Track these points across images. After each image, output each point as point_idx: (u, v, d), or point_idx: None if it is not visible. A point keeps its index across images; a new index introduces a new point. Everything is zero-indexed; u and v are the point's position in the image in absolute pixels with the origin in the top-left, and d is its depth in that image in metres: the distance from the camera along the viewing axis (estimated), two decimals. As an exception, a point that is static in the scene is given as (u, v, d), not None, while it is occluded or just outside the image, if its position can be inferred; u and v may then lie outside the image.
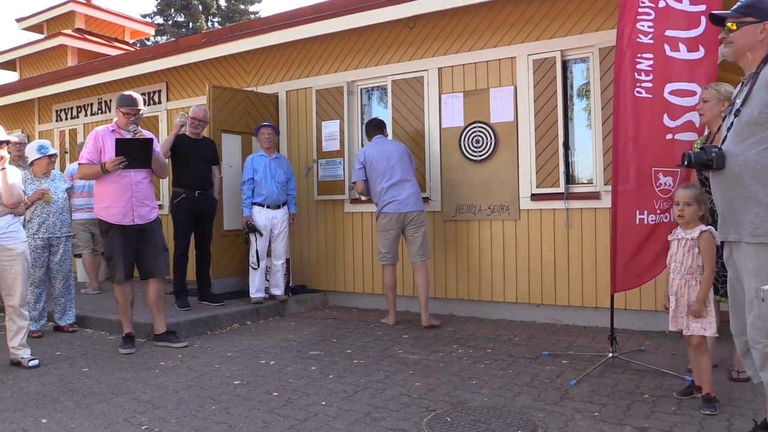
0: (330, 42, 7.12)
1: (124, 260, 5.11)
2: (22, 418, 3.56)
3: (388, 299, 5.99)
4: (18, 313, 4.71)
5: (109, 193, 5.06)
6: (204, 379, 4.26)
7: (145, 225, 5.15)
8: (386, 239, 5.87)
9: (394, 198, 5.79)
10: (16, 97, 10.59)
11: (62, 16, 14.10)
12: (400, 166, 5.82)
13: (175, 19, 30.22)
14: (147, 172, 5.19)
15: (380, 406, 3.59)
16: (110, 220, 5.07)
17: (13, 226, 4.62)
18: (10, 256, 4.57)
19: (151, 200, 5.24)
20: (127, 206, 5.05)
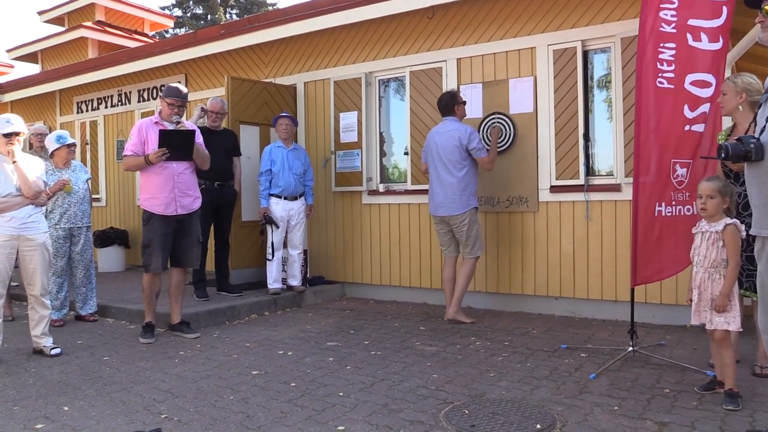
0: (348, 33, 7.09)
1: (162, 250, 5.16)
2: (44, 405, 3.61)
3: (445, 293, 5.77)
4: (39, 302, 4.74)
5: (153, 184, 5.12)
6: (222, 368, 4.29)
7: (186, 216, 5.22)
8: (437, 233, 5.80)
9: (431, 197, 5.70)
10: (38, 89, 10.70)
11: (83, 9, 14.22)
12: (446, 160, 5.51)
13: (194, 11, 30.34)
14: (189, 163, 5.22)
15: (398, 398, 3.59)
16: (154, 210, 5.13)
17: (33, 217, 4.64)
18: (30, 246, 4.60)
19: (194, 190, 5.30)
20: (170, 196, 5.11)
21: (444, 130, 5.59)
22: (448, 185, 5.52)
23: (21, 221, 4.56)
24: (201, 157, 5.26)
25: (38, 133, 7.25)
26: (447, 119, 5.65)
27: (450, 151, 5.49)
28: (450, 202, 5.52)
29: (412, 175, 6.67)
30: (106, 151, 9.98)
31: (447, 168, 5.52)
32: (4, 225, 4.52)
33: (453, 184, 5.51)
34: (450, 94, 5.68)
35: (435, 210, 5.65)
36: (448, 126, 5.60)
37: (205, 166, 5.36)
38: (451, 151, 5.48)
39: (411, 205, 6.71)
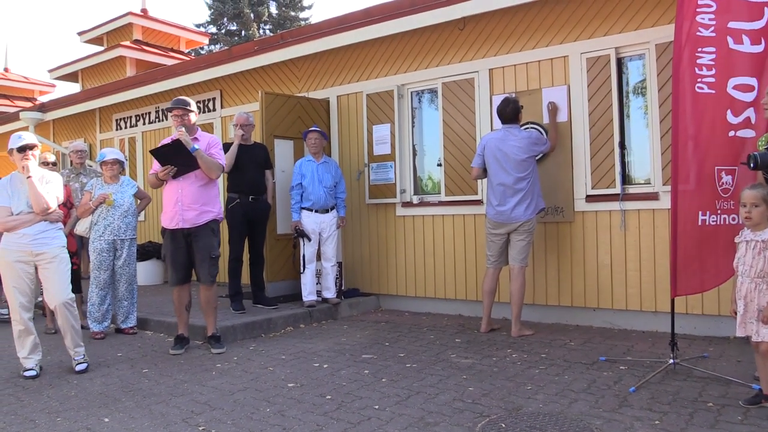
0: (380, 46, 7.14)
1: (173, 264, 5.23)
2: (86, 416, 3.69)
3: (483, 304, 5.72)
4: (62, 311, 4.66)
5: (165, 198, 5.24)
6: (259, 381, 4.32)
7: (192, 230, 5.16)
8: (489, 242, 5.68)
9: (493, 204, 5.54)
10: (78, 108, 11.00)
11: (121, 29, 14.62)
12: (514, 168, 5.42)
13: (228, 28, 30.90)
14: (195, 175, 5.14)
15: (434, 411, 3.56)
16: (163, 224, 5.25)
17: (47, 233, 4.63)
18: (44, 259, 4.61)
19: (202, 204, 5.17)
20: (173, 210, 5.14)
21: (511, 137, 5.48)
22: (519, 192, 5.44)
23: (32, 237, 4.56)
24: (205, 165, 5.10)
25: (78, 150, 7.46)
26: (511, 127, 5.56)
27: (521, 158, 5.42)
28: (521, 209, 5.45)
29: (446, 187, 6.65)
30: (144, 167, 10.19)
31: (517, 175, 5.42)
32: (17, 241, 4.56)
33: (523, 192, 5.44)
34: (514, 103, 5.58)
35: (499, 216, 5.50)
36: (516, 133, 5.52)
37: (212, 174, 5.17)
38: (521, 158, 5.42)
39: (445, 216, 6.69)
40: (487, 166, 5.59)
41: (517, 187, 5.44)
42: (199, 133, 5.31)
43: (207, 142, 5.26)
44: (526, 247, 5.52)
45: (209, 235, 5.22)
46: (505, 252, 5.62)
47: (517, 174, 5.43)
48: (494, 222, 5.58)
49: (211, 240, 5.24)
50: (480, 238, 6.31)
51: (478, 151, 5.68)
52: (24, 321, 4.61)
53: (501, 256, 5.63)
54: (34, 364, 4.67)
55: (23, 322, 4.61)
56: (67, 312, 4.67)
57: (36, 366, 4.68)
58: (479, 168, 5.67)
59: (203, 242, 5.18)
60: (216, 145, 5.33)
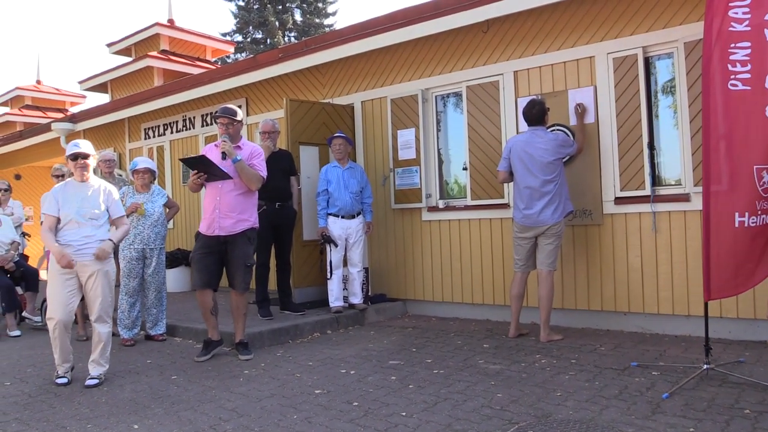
0: (403, 50, 7.13)
1: (201, 267, 5.25)
2: (116, 423, 3.72)
3: (512, 309, 5.64)
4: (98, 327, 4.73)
5: (205, 204, 5.31)
6: (286, 387, 4.32)
7: (228, 238, 5.19)
8: (516, 246, 5.59)
9: (520, 207, 5.47)
10: (108, 118, 11.19)
11: (148, 39, 14.87)
12: (541, 170, 5.34)
13: (254, 36, 31.19)
14: (234, 184, 5.16)
15: (461, 418, 3.52)
16: (200, 229, 5.29)
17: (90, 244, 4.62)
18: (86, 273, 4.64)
19: (239, 213, 5.18)
20: (211, 217, 5.18)
21: (537, 139, 5.41)
22: (546, 195, 5.36)
23: (77, 248, 4.58)
24: (246, 177, 5.14)
25: (106, 159, 7.57)
26: (538, 129, 5.49)
27: (547, 161, 5.34)
28: (550, 213, 5.37)
29: (472, 191, 6.60)
30: (172, 175, 10.32)
31: (544, 177, 5.35)
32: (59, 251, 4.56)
33: (551, 194, 5.37)
34: (540, 105, 5.52)
35: (527, 219, 5.42)
36: (542, 135, 5.44)
37: (251, 185, 5.22)
38: (548, 160, 5.35)
39: (471, 220, 6.64)
40: (514, 169, 5.52)
41: (545, 190, 5.36)
42: (242, 141, 5.32)
43: (249, 152, 5.24)
44: (554, 251, 5.45)
45: (245, 244, 5.24)
46: (533, 256, 5.55)
47: (544, 177, 5.36)
48: (521, 226, 5.50)
49: (247, 248, 5.27)
50: (507, 242, 6.25)
51: (504, 155, 5.61)
52: (58, 329, 4.58)
53: (529, 260, 5.56)
54: (65, 371, 4.71)
55: (57, 330, 4.58)
56: (100, 326, 4.71)
57: (68, 373, 4.72)
58: (506, 171, 5.60)
59: (239, 250, 5.20)
60: (258, 155, 5.31)
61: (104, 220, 4.77)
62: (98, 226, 4.70)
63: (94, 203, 4.69)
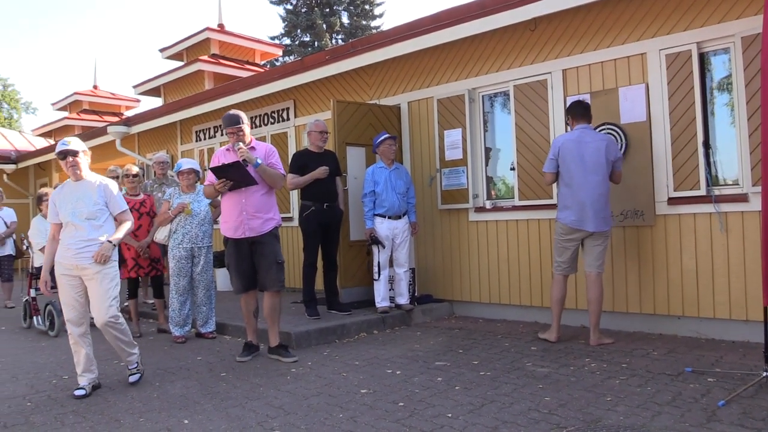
0: (450, 50, 7.10)
1: (238, 272, 5.26)
2: (167, 418, 3.82)
3: (553, 312, 5.49)
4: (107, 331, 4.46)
5: (225, 208, 5.28)
6: (332, 386, 4.35)
7: (257, 238, 5.17)
8: (562, 249, 5.42)
9: (571, 208, 5.28)
10: (161, 121, 11.48)
11: (199, 44, 15.22)
12: (595, 172, 5.21)
13: (301, 39, 31.55)
14: (260, 185, 5.17)
15: (508, 421, 3.48)
16: (227, 234, 5.26)
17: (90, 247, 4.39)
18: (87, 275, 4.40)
19: (266, 212, 5.19)
20: (238, 220, 5.15)
21: (591, 139, 5.30)
22: (600, 197, 5.24)
23: (75, 251, 4.35)
24: (271, 178, 5.17)
25: (160, 161, 7.80)
26: (585, 127, 5.38)
27: (600, 161, 5.22)
28: (603, 216, 5.26)
29: (520, 191, 6.52)
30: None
31: (599, 179, 5.23)
32: (62, 254, 4.40)
33: (605, 196, 5.27)
34: (586, 103, 5.45)
35: (585, 224, 5.25)
36: (592, 134, 5.35)
37: (277, 186, 5.26)
38: (601, 160, 5.22)
39: (519, 221, 6.55)
40: (563, 169, 5.36)
41: (599, 192, 5.23)
42: (254, 143, 5.31)
43: (264, 152, 5.25)
44: (603, 253, 5.33)
45: (274, 242, 5.26)
46: (577, 258, 5.44)
47: (599, 177, 5.23)
48: (570, 228, 5.35)
49: (276, 246, 5.28)
50: (555, 244, 6.14)
51: (551, 155, 5.44)
52: (74, 336, 4.45)
53: (573, 262, 5.45)
54: (86, 383, 4.43)
55: (73, 337, 4.45)
56: (111, 330, 4.45)
57: (88, 385, 4.43)
58: (553, 173, 5.44)
59: (269, 249, 5.20)
60: (273, 154, 5.31)
61: (104, 219, 4.48)
62: (98, 226, 4.42)
63: (88, 202, 4.42)
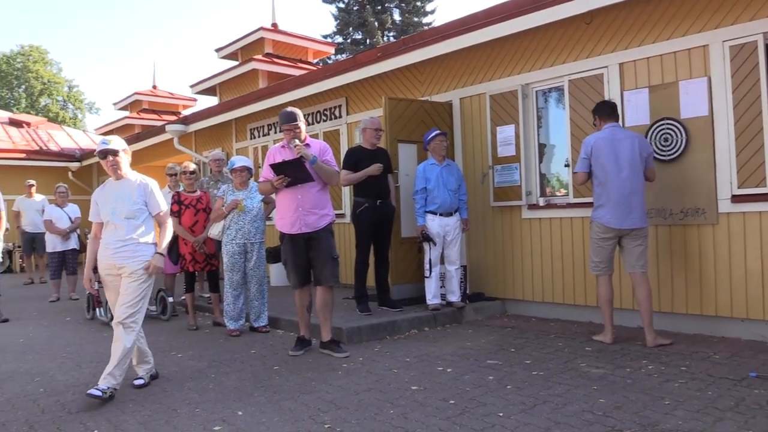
0: (502, 46, 7.00)
1: (295, 268, 5.34)
2: (221, 409, 3.90)
3: (604, 314, 5.37)
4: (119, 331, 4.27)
5: (281, 204, 5.34)
6: (383, 382, 4.36)
7: (312, 233, 5.24)
8: (599, 248, 5.33)
9: (608, 208, 5.21)
10: (216, 119, 11.74)
11: (253, 43, 15.49)
12: (630, 169, 5.16)
13: (353, 37, 31.72)
14: (316, 182, 5.24)
15: (561, 422, 3.42)
16: (283, 230, 5.35)
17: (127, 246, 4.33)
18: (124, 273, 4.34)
19: (321, 208, 5.26)
20: (294, 216, 5.23)
21: (623, 136, 5.26)
22: (637, 194, 5.19)
23: (113, 250, 4.33)
24: (327, 175, 5.24)
25: (216, 159, 7.96)
26: (615, 125, 5.35)
27: (635, 158, 5.19)
28: (640, 213, 5.20)
29: (575, 188, 6.39)
30: (275, 174, 10.67)
31: (634, 176, 5.18)
32: (102, 253, 4.38)
33: (641, 193, 5.21)
34: (612, 101, 5.47)
35: (621, 223, 5.17)
36: (623, 132, 5.32)
37: (332, 182, 5.34)
38: (635, 157, 5.19)
39: (574, 219, 6.42)
40: (597, 168, 5.27)
41: (636, 190, 5.17)
42: (308, 140, 5.37)
43: (318, 149, 5.31)
44: (644, 252, 5.24)
45: (329, 238, 5.32)
46: (613, 258, 5.35)
47: (635, 175, 5.17)
48: (607, 227, 5.24)
49: (332, 242, 5.34)
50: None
51: (584, 155, 5.33)
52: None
53: (610, 262, 5.36)
54: (143, 373, 4.53)
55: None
56: (122, 333, 4.23)
57: (146, 375, 4.52)
58: (586, 172, 5.35)
59: (325, 244, 5.27)
60: (327, 151, 5.37)
61: (143, 218, 4.42)
62: (137, 225, 4.36)
63: (127, 201, 4.36)
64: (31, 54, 44.10)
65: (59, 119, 41.52)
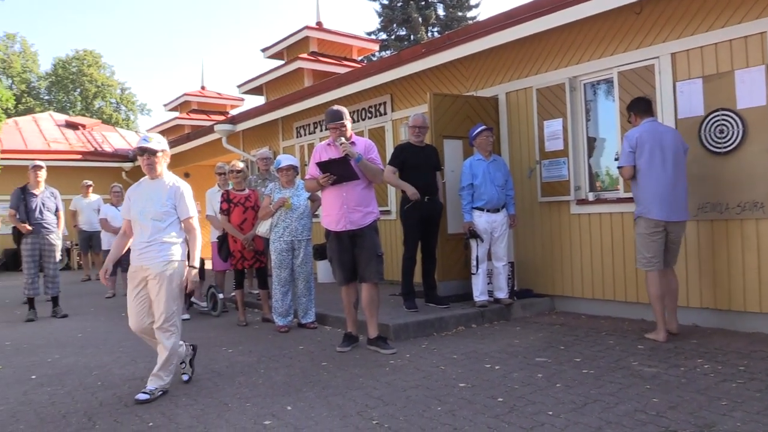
0: (549, 38, 6.89)
1: (340, 265, 5.38)
2: (271, 403, 3.96)
3: (656, 311, 5.24)
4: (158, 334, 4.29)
5: (326, 202, 5.42)
6: (430, 379, 4.35)
7: (357, 231, 5.28)
8: (650, 243, 5.22)
9: (658, 202, 5.13)
10: (263, 118, 11.91)
11: (299, 42, 15.62)
12: (674, 161, 5.13)
13: (397, 34, 31.70)
14: (361, 179, 5.28)
15: (613, 422, 3.35)
16: (328, 227, 5.41)
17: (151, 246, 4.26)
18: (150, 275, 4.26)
19: (366, 206, 5.31)
20: (339, 213, 5.28)
21: (665, 129, 5.29)
22: (683, 187, 5.21)
23: (139, 251, 4.27)
24: (371, 173, 5.28)
25: (263, 158, 8.07)
26: (653, 119, 5.37)
27: (679, 151, 5.21)
28: (684, 206, 5.23)
29: (625, 182, 6.24)
30: (321, 171, 10.75)
31: (678, 169, 5.17)
32: (131, 255, 4.33)
33: (685, 185, 5.22)
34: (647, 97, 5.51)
35: (669, 215, 5.13)
36: (662, 126, 5.38)
37: (377, 180, 5.39)
38: (679, 151, 5.22)
39: (624, 214, 6.27)
40: (642, 161, 5.18)
41: (681, 183, 5.17)
42: (354, 138, 5.41)
43: (364, 147, 5.35)
44: (679, 247, 5.35)
45: (374, 235, 5.36)
46: (663, 251, 5.28)
47: (676, 167, 5.14)
48: (657, 221, 5.16)
49: (376, 239, 5.38)
50: (664, 237, 5.83)
51: (629, 148, 5.23)
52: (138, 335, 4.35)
53: (662, 256, 5.27)
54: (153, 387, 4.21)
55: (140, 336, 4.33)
56: (162, 337, 4.26)
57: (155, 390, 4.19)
58: (632, 166, 5.25)
59: (369, 242, 5.30)
60: (372, 149, 5.41)
61: (169, 222, 4.30)
62: (162, 228, 4.26)
63: (157, 202, 4.27)
64: (85, 58, 45.63)
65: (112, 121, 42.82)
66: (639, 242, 5.34)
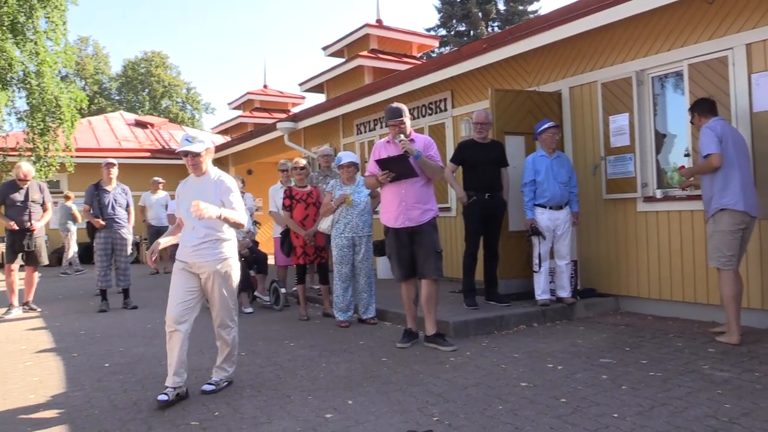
0: (614, 31, 6.70)
1: (398, 261, 5.41)
2: (332, 397, 4.02)
3: (730, 312, 5.01)
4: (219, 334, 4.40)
5: (385, 199, 5.46)
6: (491, 378, 4.32)
7: (416, 228, 5.29)
8: (733, 240, 4.98)
9: (742, 196, 4.94)
10: (324, 116, 12.04)
11: (359, 40, 15.73)
12: (746, 157, 5.10)
13: (457, 29, 31.50)
14: (420, 177, 5.29)
15: (681, 426, 3.24)
16: (387, 224, 5.45)
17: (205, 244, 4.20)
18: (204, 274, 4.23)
19: (424, 203, 5.32)
20: (397, 210, 5.31)
21: (734, 127, 5.24)
22: (752, 180, 5.14)
23: (192, 248, 4.20)
24: (430, 170, 5.28)
25: (324, 155, 8.17)
26: (719, 117, 5.21)
27: (747, 150, 5.18)
28: (758, 204, 5.10)
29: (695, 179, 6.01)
30: (381, 168, 10.80)
31: (749, 165, 5.15)
32: (181, 251, 4.26)
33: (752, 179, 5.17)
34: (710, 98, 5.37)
35: (753, 209, 5.00)
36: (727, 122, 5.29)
37: (435, 177, 5.38)
38: (747, 149, 5.18)
39: (695, 212, 6.04)
40: (730, 153, 4.99)
41: (752, 178, 5.10)
42: (413, 135, 5.43)
43: (423, 145, 5.35)
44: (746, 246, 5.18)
45: (432, 232, 5.36)
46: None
47: (748, 163, 5.11)
48: (744, 214, 4.96)
49: (435, 236, 5.37)
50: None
51: (716, 138, 4.99)
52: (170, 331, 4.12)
53: (742, 253, 5.11)
54: (171, 385, 4.04)
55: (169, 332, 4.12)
56: (222, 333, 4.37)
57: (171, 391, 4.00)
58: (722, 154, 5.02)
59: (428, 238, 5.30)
60: (431, 146, 5.41)
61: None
62: (212, 224, 4.18)
63: (204, 200, 4.04)
64: (153, 59, 47.33)
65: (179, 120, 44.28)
66: (719, 239, 5.06)
